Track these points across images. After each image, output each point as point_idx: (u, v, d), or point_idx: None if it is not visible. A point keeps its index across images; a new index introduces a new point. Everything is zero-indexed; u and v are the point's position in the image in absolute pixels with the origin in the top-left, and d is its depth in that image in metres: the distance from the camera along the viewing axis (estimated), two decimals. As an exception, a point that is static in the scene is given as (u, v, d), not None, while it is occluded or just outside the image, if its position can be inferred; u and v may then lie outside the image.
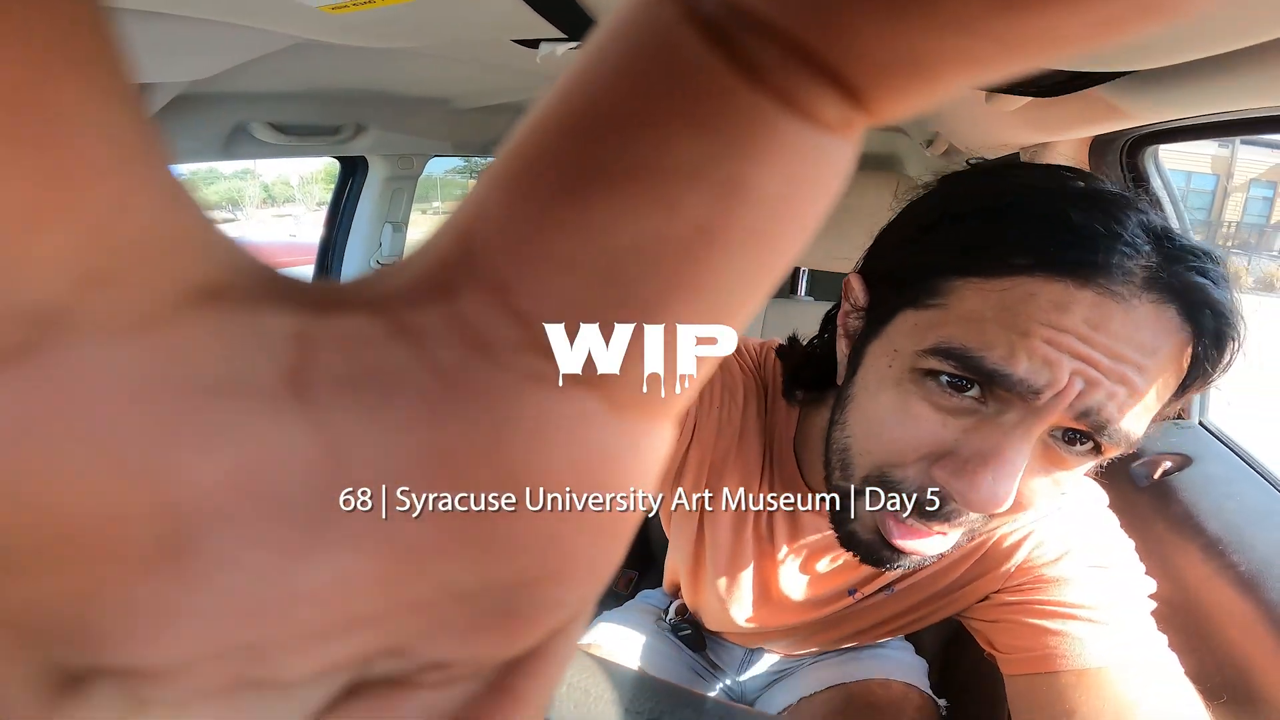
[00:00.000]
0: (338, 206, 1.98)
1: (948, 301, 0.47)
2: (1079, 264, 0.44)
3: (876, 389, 0.50)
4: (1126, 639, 0.55)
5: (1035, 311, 0.43)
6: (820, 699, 0.97)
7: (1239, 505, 0.79)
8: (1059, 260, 0.44)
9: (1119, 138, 0.99)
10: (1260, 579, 0.65)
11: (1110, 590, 0.59)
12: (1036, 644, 0.57)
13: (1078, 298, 0.43)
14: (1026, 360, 0.43)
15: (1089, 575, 0.60)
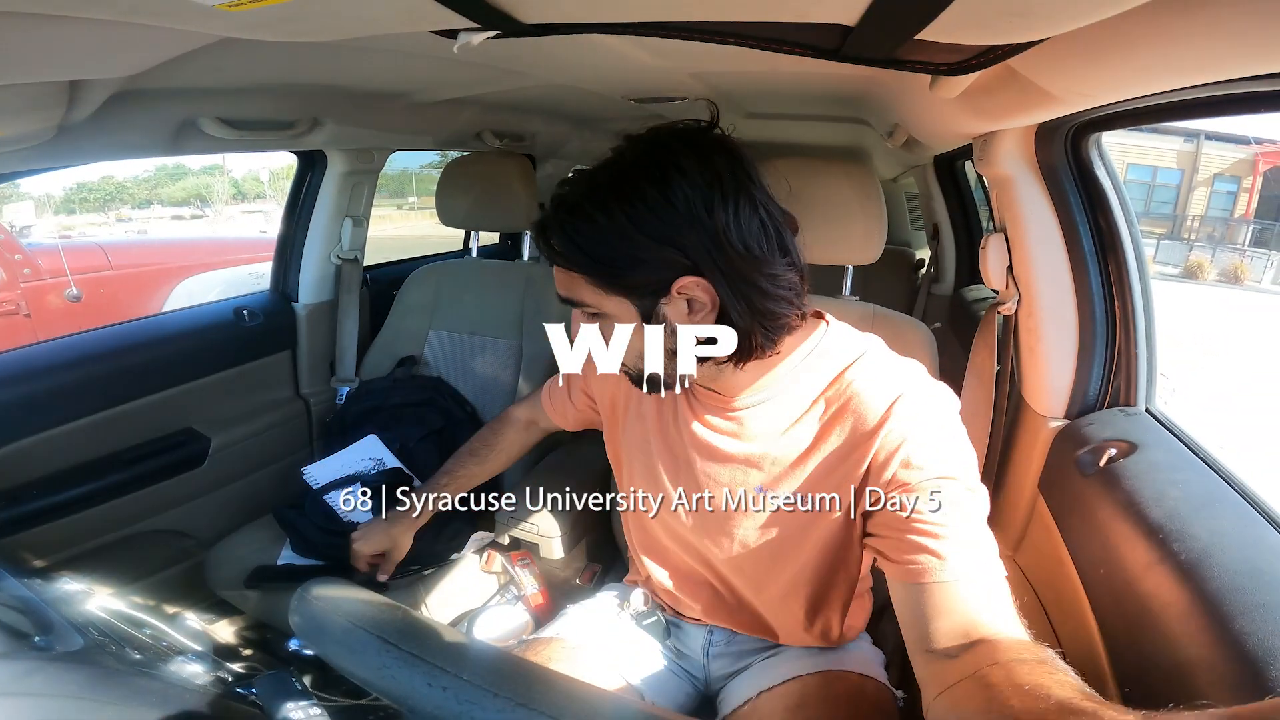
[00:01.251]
0: (296, 201, 1.95)
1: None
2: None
3: None
4: (979, 559, 0.71)
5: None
6: (778, 692, 0.97)
7: (1182, 493, 0.80)
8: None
9: (1062, 126, 1.00)
10: (1199, 569, 0.66)
11: (970, 514, 0.74)
12: (913, 559, 0.72)
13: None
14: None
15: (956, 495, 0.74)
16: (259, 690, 0.58)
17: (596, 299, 0.80)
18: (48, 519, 1.41)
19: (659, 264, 0.75)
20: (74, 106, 0.98)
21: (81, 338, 1.59)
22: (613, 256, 0.76)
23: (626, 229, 0.74)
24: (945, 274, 2.72)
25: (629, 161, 0.77)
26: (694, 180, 0.73)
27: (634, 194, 0.74)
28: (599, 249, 0.76)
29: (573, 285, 0.81)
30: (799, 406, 0.87)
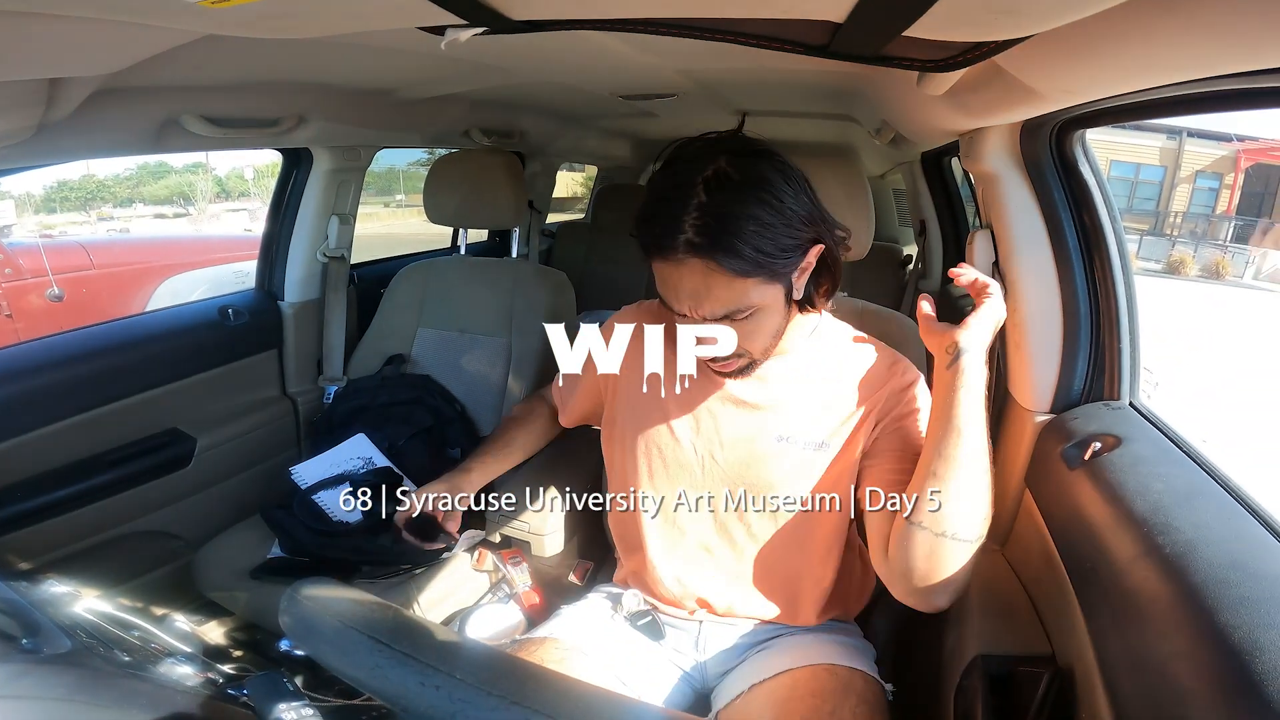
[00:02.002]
0: (282, 199, 1.93)
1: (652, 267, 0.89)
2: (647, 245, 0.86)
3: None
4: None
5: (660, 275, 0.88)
6: (769, 686, 0.98)
7: (1166, 486, 0.81)
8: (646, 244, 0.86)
9: (1047, 123, 1.01)
10: (1184, 562, 0.66)
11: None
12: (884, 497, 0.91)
13: (660, 266, 0.87)
14: (675, 304, 0.88)
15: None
16: (250, 691, 0.58)
17: (761, 296, 0.86)
18: (32, 521, 1.40)
19: (805, 242, 0.87)
20: (54, 105, 0.97)
21: (64, 338, 1.57)
22: (782, 248, 0.84)
23: (789, 220, 0.83)
24: (932, 270, 2.73)
25: (740, 160, 0.84)
26: (791, 171, 0.86)
27: (774, 190, 0.83)
28: (772, 246, 0.82)
29: (743, 292, 0.85)
30: (813, 366, 1.02)
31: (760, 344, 0.93)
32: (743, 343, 0.90)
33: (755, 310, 0.87)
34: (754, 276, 0.83)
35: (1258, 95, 0.64)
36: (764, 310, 0.88)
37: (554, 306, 1.79)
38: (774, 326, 0.92)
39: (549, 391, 1.32)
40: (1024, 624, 0.95)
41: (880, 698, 0.99)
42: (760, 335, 0.91)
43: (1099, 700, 0.70)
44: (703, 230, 0.80)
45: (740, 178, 0.82)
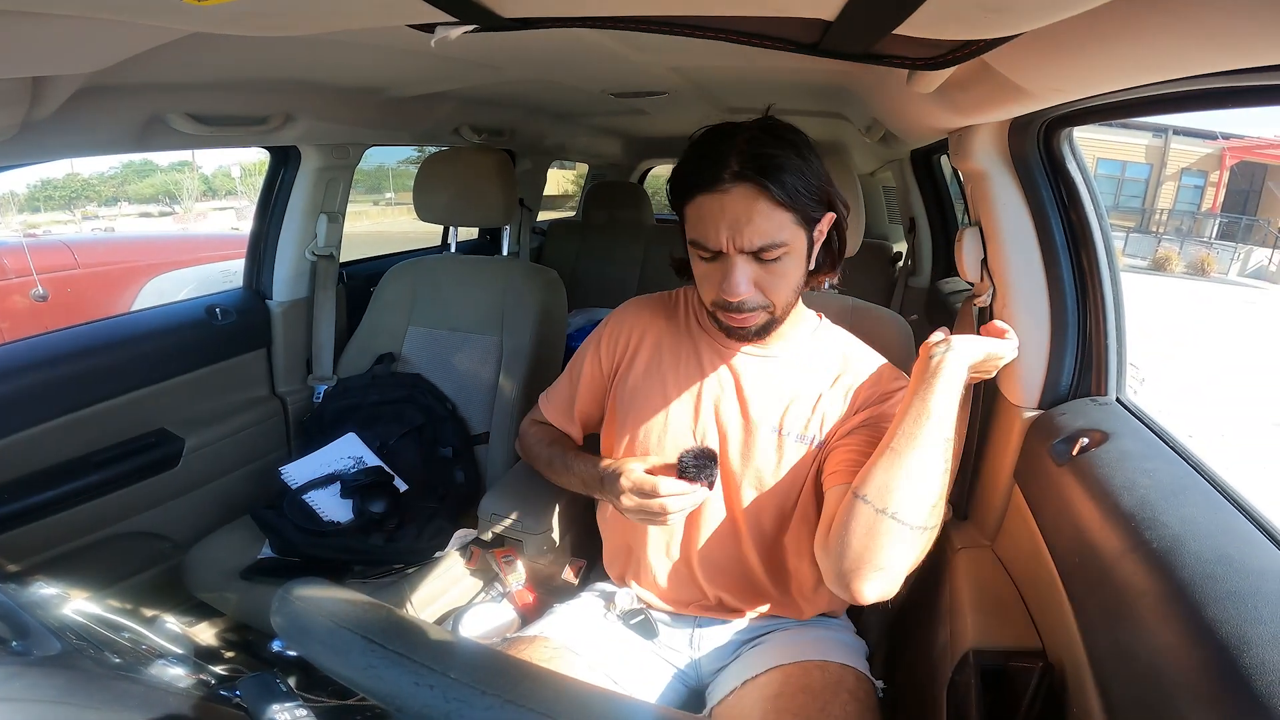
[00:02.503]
0: (269, 197, 1.92)
1: (689, 211, 0.95)
2: (692, 184, 0.92)
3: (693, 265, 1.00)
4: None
5: (700, 212, 0.92)
6: (760, 682, 0.99)
7: (1152, 481, 0.81)
8: (691, 184, 0.92)
9: (1035, 121, 1.01)
10: (1171, 556, 0.67)
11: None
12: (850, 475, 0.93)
13: (704, 200, 0.91)
14: (713, 238, 0.91)
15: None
16: (243, 692, 0.58)
17: (793, 236, 0.93)
18: (19, 523, 1.38)
19: (825, 200, 0.95)
20: (37, 103, 0.96)
21: (48, 338, 1.55)
22: (812, 192, 0.92)
23: (820, 171, 0.94)
24: (922, 267, 2.75)
25: (776, 129, 0.94)
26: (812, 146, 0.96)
27: (803, 148, 0.93)
28: (805, 187, 0.91)
29: (780, 225, 0.92)
30: (813, 359, 1.08)
31: (782, 295, 0.97)
32: (767, 289, 0.95)
33: (785, 251, 0.92)
34: (791, 211, 0.91)
35: (1243, 94, 0.65)
36: (791, 255, 0.94)
37: (545, 304, 1.78)
38: (795, 280, 0.97)
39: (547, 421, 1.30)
40: (1015, 619, 0.95)
41: (871, 694, 1.00)
42: (783, 285, 0.96)
43: (1089, 694, 0.71)
44: (749, 162, 0.88)
45: (773, 136, 0.91)
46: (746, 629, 1.10)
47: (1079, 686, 0.74)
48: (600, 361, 1.19)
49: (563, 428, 1.27)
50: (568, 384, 1.24)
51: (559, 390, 1.27)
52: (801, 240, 0.94)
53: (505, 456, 1.72)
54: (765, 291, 0.95)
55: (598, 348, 1.19)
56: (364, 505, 1.57)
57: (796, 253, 0.94)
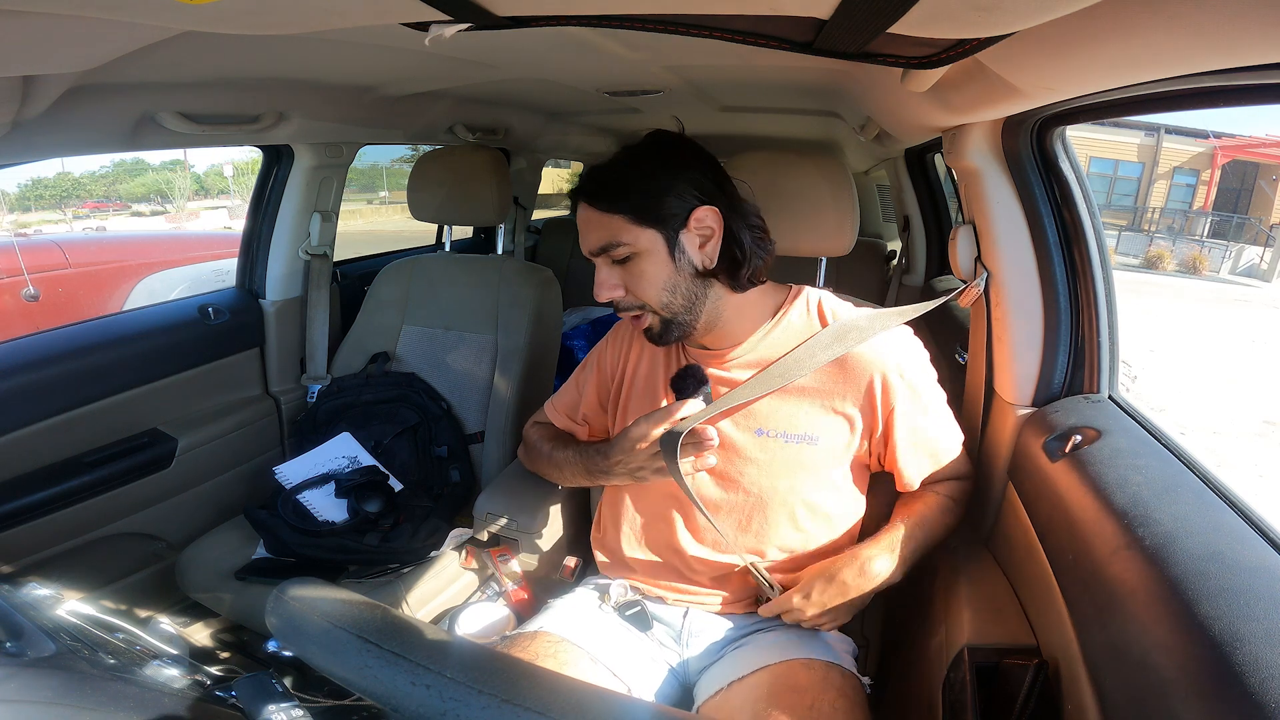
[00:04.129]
0: (262, 196, 1.91)
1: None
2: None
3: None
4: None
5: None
6: (748, 682, 0.99)
7: (1145, 478, 0.82)
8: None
9: (1028, 119, 1.02)
10: (1164, 553, 0.67)
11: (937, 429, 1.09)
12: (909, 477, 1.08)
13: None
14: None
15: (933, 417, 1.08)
16: (239, 693, 0.57)
17: (632, 235, 0.98)
18: (12, 523, 1.38)
19: (680, 195, 0.98)
20: (28, 102, 0.95)
21: (40, 338, 1.54)
22: (648, 190, 0.98)
23: (659, 171, 0.99)
24: (916, 265, 2.75)
25: (645, 141, 1.02)
26: (688, 146, 1.02)
27: (663, 152, 1.01)
28: (637, 186, 0.98)
29: (609, 228, 0.99)
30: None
31: (651, 294, 1.01)
32: (631, 287, 1.02)
33: (630, 250, 0.99)
34: (616, 213, 0.98)
35: (1234, 92, 0.65)
36: (643, 255, 0.99)
37: (540, 302, 1.78)
38: (660, 278, 1.01)
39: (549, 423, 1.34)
40: (1009, 616, 0.96)
41: (859, 690, 1.00)
42: (645, 284, 1.01)
43: (1083, 691, 0.71)
44: (587, 179, 1.01)
45: (638, 149, 1.01)
46: (734, 626, 1.11)
47: (1073, 683, 0.75)
48: (604, 371, 1.24)
49: (567, 429, 1.30)
50: (574, 389, 1.29)
51: (565, 396, 1.31)
52: (651, 239, 0.99)
53: (500, 455, 1.72)
54: (633, 292, 1.02)
55: (601, 357, 1.25)
56: (359, 505, 1.56)
57: (649, 252, 0.99)
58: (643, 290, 1.01)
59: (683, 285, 1.01)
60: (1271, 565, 0.63)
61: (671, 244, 0.99)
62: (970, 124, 1.07)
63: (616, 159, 1.01)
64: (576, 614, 1.12)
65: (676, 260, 1.00)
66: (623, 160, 1.01)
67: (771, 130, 2.71)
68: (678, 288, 1.01)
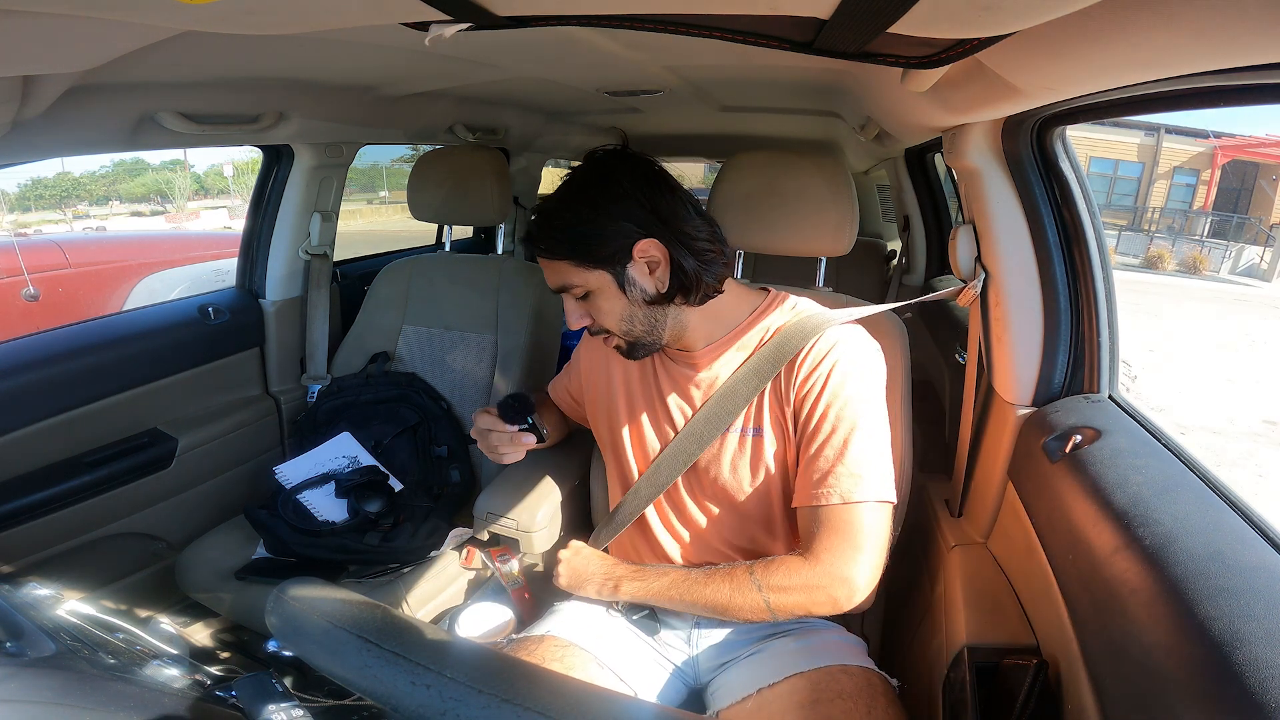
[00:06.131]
0: (262, 196, 1.91)
1: None
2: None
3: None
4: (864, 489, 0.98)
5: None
6: (783, 689, 0.98)
7: (1144, 478, 0.81)
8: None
9: (1028, 119, 1.02)
10: (1163, 553, 0.67)
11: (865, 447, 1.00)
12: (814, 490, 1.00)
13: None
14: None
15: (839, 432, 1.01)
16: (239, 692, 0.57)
17: (582, 278, 1.02)
18: (13, 523, 1.38)
19: (619, 233, 0.99)
20: (27, 102, 0.95)
21: (40, 338, 1.54)
22: (586, 235, 0.99)
23: (592, 214, 0.99)
24: (916, 265, 2.75)
25: (581, 173, 1.03)
26: (625, 172, 1.02)
27: (590, 189, 1.01)
28: (575, 232, 1.00)
29: (560, 272, 1.03)
30: (743, 359, 1.09)
31: (612, 322, 1.06)
32: (597, 319, 1.06)
33: (587, 290, 1.03)
34: (565, 259, 1.01)
35: (1234, 92, 0.65)
36: (596, 292, 1.03)
37: (540, 302, 1.78)
38: (618, 309, 1.04)
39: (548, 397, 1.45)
40: (1009, 616, 0.96)
41: (894, 693, 0.99)
42: (606, 315, 1.05)
43: (1084, 691, 0.71)
44: (533, 225, 1.03)
45: (570, 186, 1.02)
46: (744, 626, 1.10)
47: (1074, 683, 0.75)
48: (581, 373, 1.31)
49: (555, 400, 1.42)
50: (565, 376, 1.39)
51: (559, 381, 1.41)
52: (599, 278, 1.02)
53: (500, 455, 1.72)
54: (597, 320, 1.06)
55: (579, 359, 1.34)
56: (359, 505, 1.57)
57: (601, 289, 1.02)
58: (604, 320, 1.06)
59: (639, 313, 1.05)
60: (1271, 565, 0.63)
61: (620, 279, 1.02)
62: (970, 124, 1.07)
63: (554, 200, 1.02)
64: (584, 618, 1.12)
65: (628, 293, 1.03)
66: (560, 201, 1.01)
67: (771, 130, 2.71)
68: (634, 316, 1.05)
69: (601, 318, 1.05)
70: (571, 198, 1.01)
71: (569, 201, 1.01)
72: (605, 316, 1.05)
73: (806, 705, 0.93)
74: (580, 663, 1.03)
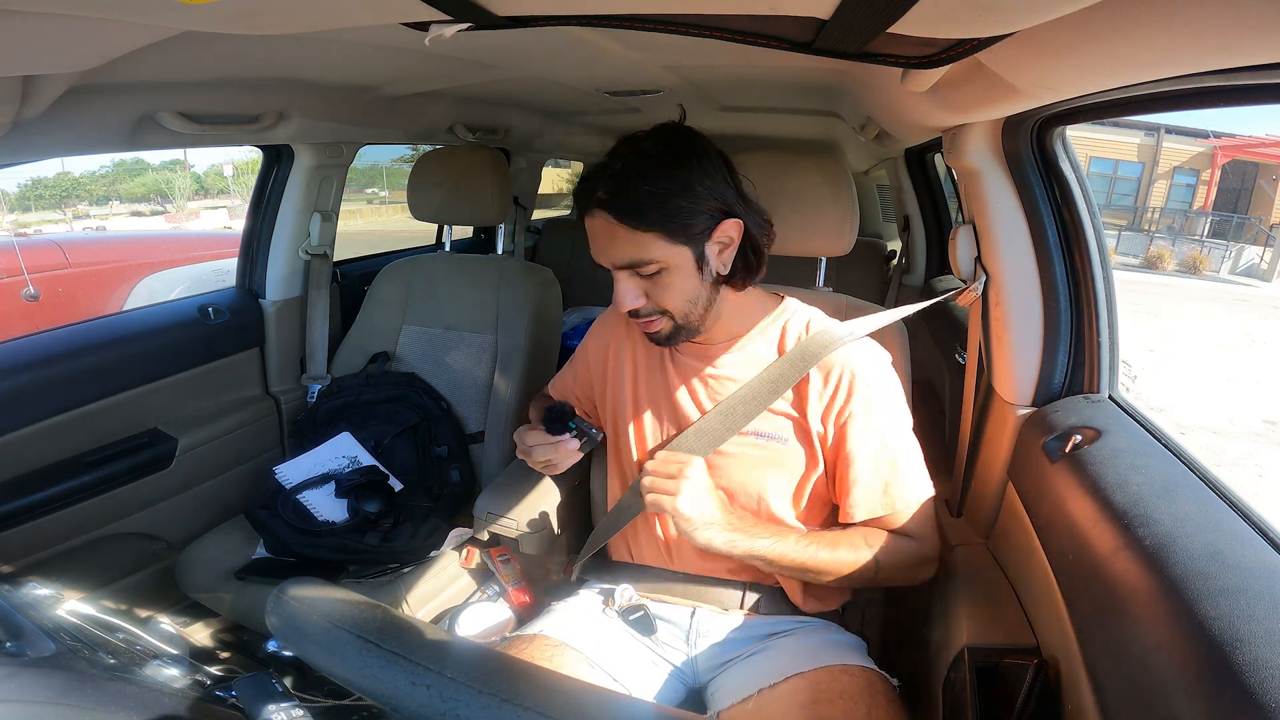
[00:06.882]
0: (262, 196, 1.91)
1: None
2: (579, 206, 0.99)
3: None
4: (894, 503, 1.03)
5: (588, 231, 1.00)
6: (784, 689, 0.98)
7: (1144, 478, 0.81)
8: (578, 205, 1.00)
9: (1028, 119, 1.02)
10: (1164, 553, 0.67)
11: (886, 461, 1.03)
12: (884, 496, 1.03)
13: (586, 221, 0.99)
14: (596, 255, 1.00)
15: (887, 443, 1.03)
16: (239, 692, 0.57)
17: (664, 252, 0.96)
18: (13, 523, 1.38)
19: (710, 211, 0.96)
20: (27, 102, 0.95)
21: (40, 338, 1.54)
22: (681, 209, 0.94)
23: (689, 185, 0.94)
24: (916, 265, 2.75)
25: (661, 143, 0.96)
26: (707, 147, 0.98)
27: (679, 160, 0.95)
28: (671, 205, 0.94)
29: (641, 245, 0.96)
30: (764, 357, 1.09)
31: (675, 304, 1.01)
32: (655, 297, 1.00)
33: (661, 267, 0.97)
34: (650, 231, 0.94)
35: (1234, 92, 0.65)
36: (672, 270, 0.98)
37: (540, 302, 1.78)
38: (686, 290, 1.00)
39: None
40: (1009, 616, 0.96)
41: (895, 692, 1.00)
42: (671, 295, 1.00)
43: (1084, 691, 0.71)
44: (610, 191, 0.94)
45: (656, 153, 0.95)
46: (744, 625, 1.10)
47: (1074, 683, 0.75)
48: (589, 363, 1.27)
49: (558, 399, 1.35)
50: (570, 374, 1.33)
51: (563, 379, 1.35)
52: (681, 255, 0.97)
53: (500, 455, 1.72)
54: (657, 301, 1.01)
55: (586, 349, 1.28)
56: (359, 505, 1.57)
57: (677, 266, 0.98)
58: (667, 301, 1.01)
59: (704, 295, 1.02)
60: (1271, 565, 0.63)
61: (700, 257, 0.99)
62: (970, 124, 1.07)
63: (636, 167, 0.94)
64: (577, 618, 1.12)
65: (702, 273, 1.00)
66: (642, 169, 0.94)
67: (772, 130, 2.71)
68: (699, 298, 1.02)
69: (666, 297, 1.00)
70: (660, 168, 0.94)
71: (658, 171, 0.94)
72: (672, 296, 1.00)
73: (807, 705, 0.93)
74: (570, 662, 1.03)
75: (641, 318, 1.03)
